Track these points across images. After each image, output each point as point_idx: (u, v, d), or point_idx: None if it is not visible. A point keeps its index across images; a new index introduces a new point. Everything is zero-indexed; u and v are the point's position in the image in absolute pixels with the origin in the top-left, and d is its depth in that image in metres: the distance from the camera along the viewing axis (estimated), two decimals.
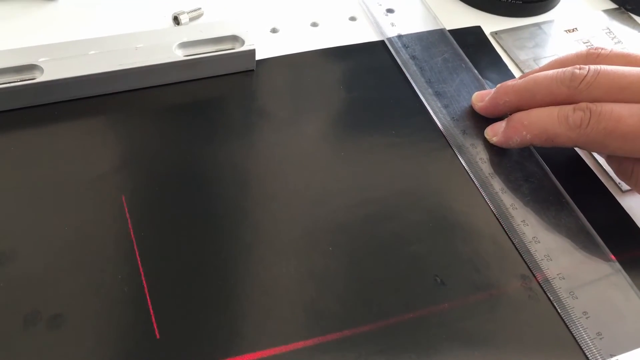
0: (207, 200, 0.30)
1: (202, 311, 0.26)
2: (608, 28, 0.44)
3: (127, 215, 0.29)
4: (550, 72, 0.32)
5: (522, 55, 0.41)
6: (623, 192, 0.33)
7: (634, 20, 0.45)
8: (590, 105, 0.29)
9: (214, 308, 0.27)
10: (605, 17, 0.45)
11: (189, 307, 0.27)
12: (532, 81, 0.32)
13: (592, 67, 0.30)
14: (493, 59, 0.40)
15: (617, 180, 0.34)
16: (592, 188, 0.34)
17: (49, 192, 0.30)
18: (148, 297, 0.27)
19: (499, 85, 0.34)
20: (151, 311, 0.26)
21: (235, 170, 0.32)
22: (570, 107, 0.30)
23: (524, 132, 0.31)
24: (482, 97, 0.35)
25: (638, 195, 0.33)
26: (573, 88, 0.30)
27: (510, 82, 0.34)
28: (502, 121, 0.34)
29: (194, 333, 0.26)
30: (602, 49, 0.32)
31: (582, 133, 0.29)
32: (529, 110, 0.32)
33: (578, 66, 0.31)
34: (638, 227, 0.32)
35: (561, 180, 0.33)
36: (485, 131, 0.34)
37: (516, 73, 0.40)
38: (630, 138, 0.29)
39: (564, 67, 0.31)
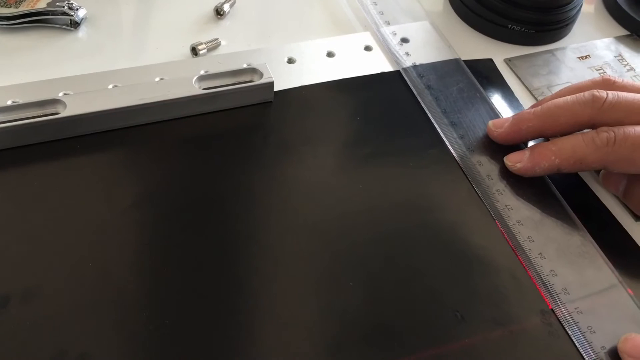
0: (227, 234, 0.31)
1: (225, 347, 0.27)
2: (620, 54, 0.44)
3: (151, 249, 0.30)
4: (570, 96, 0.33)
5: (536, 83, 0.42)
6: (637, 222, 0.34)
7: None
8: (613, 128, 0.31)
9: (236, 345, 0.27)
10: (617, 44, 0.45)
11: (212, 343, 0.27)
12: (553, 105, 0.33)
13: (611, 92, 0.32)
14: (504, 92, 0.41)
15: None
16: (606, 220, 0.34)
17: (72, 227, 0.30)
18: (173, 335, 0.27)
19: (517, 113, 0.35)
20: (176, 348, 0.26)
21: (254, 202, 0.32)
22: (594, 131, 0.32)
23: (553, 157, 0.32)
24: (501, 124, 0.35)
25: None
26: (596, 109, 0.32)
27: (529, 109, 0.35)
28: (523, 150, 0.34)
29: None
30: (616, 77, 0.34)
31: (611, 151, 0.31)
32: (554, 139, 0.33)
33: (596, 90, 0.32)
34: None
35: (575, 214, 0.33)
36: (505, 159, 0.34)
37: (528, 102, 0.40)
38: None
39: (581, 92, 0.33)
